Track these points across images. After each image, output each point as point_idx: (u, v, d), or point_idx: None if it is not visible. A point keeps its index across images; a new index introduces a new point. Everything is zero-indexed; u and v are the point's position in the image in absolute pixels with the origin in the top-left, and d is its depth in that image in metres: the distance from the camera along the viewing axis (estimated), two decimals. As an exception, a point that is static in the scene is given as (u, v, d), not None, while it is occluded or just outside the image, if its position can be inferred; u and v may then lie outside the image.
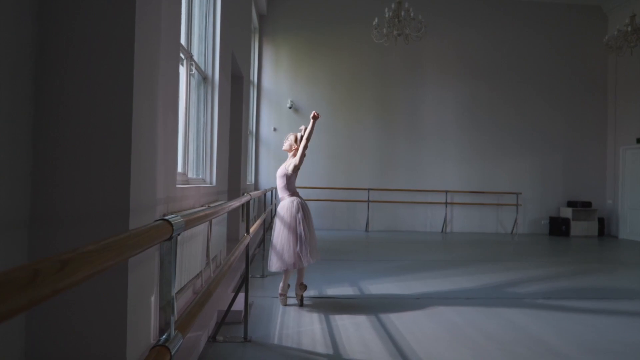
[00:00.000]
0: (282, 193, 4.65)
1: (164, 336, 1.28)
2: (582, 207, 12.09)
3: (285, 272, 4.56)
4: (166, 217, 1.26)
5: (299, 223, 4.44)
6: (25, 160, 2.26)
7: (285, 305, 4.55)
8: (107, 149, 2.35)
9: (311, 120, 4.60)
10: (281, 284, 4.64)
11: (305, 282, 4.72)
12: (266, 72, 12.26)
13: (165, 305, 1.33)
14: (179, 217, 1.32)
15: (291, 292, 4.81)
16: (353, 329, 3.87)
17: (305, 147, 4.56)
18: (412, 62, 12.36)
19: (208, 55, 5.47)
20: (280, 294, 4.61)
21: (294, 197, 4.59)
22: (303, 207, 4.55)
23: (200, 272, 4.39)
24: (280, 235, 4.51)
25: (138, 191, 2.47)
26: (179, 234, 1.31)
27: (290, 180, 4.61)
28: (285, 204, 4.56)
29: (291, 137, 4.72)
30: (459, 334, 3.83)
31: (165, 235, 1.19)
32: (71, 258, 0.67)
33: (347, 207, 12.08)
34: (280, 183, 4.64)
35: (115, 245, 0.84)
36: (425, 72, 12.41)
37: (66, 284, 0.64)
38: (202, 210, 1.75)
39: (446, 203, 12.20)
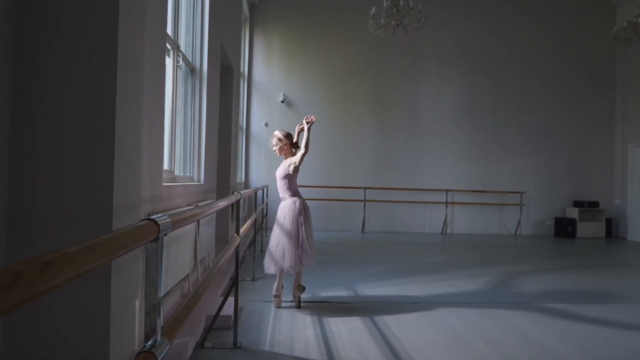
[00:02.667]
0: (283, 193, 4.70)
1: (149, 342, 1.28)
2: (588, 207, 12.16)
3: (281, 273, 4.59)
4: (152, 217, 1.26)
5: (301, 225, 4.49)
6: (1, 158, 2.25)
7: (280, 307, 4.57)
8: (89, 145, 2.35)
9: (305, 127, 4.54)
10: (275, 285, 4.66)
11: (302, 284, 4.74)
12: (257, 64, 12.24)
13: (151, 310, 1.33)
14: (165, 216, 1.33)
15: (287, 296, 4.81)
16: (348, 334, 3.88)
17: (305, 154, 4.55)
18: (411, 55, 12.38)
19: (196, 46, 5.47)
20: (275, 296, 4.63)
21: (296, 198, 4.63)
22: (305, 209, 4.60)
23: (188, 275, 4.38)
24: (279, 236, 4.55)
25: (122, 190, 2.47)
26: (165, 235, 1.31)
27: (292, 181, 4.65)
28: (287, 205, 4.61)
29: (275, 139, 4.71)
30: (458, 339, 3.86)
31: (151, 235, 1.20)
32: (54, 259, 0.67)
33: (342, 207, 12.09)
34: (281, 184, 4.69)
35: (99, 246, 0.84)
36: (425, 66, 12.43)
37: (49, 286, 0.65)
38: (190, 209, 1.75)
39: (446, 203, 12.25)
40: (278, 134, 4.72)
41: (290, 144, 4.71)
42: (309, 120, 4.56)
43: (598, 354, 3.63)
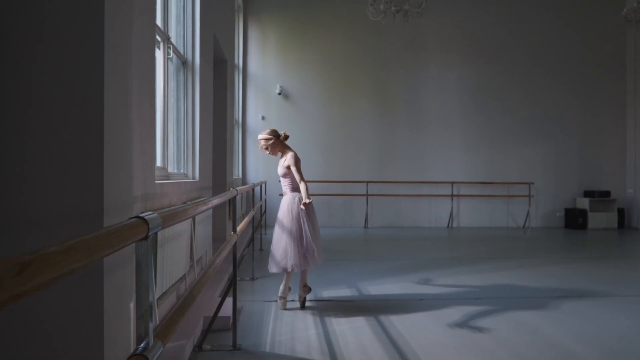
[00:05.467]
0: (284, 188, 4.77)
1: (141, 345, 1.28)
2: (600, 197, 12.14)
3: (287, 274, 4.61)
4: (141, 215, 1.25)
5: (303, 222, 4.50)
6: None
7: (285, 309, 4.57)
8: (77, 143, 2.34)
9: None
10: (281, 287, 4.66)
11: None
12: (252, 55, 12.20)
13: (143, 311, 1.33)
14: (155, 214, 1.32)
15: (290, 296, 4.81)
16: (351, 334, 3.89)
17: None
18: (413, 43, 12.34)
19: (187, 38, 5.45)
20: (280, 297, 4.63)
21: (296, 193, 4.66)
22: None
23: (184, 275, 4.39)
24: (281, 234, 4.58)
25: (113, 188, 2.46)
26: (156, 233, 1.31)
27: (293, 176, 4.66)
28: (287, 201, 4.66)
29: (262, 142, 4.73)
30: (466, 338, 3.86)
31: (140, 234, 1.19)
32: (32, 260, 0.67)
33: (343, 202, 12.09)
34: (283, 181, 4.76)
35: (83, 245, 0.83)
36: (427, 54, 12.39)
37: (27, 288, 0.64)
38: (182, 207, 1.75)
39: (452, 195, 12.24)
40: (262, 135, 4.75)
41: (277, 138, 4.72)
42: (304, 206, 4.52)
43: (612, 350, 3.63)
